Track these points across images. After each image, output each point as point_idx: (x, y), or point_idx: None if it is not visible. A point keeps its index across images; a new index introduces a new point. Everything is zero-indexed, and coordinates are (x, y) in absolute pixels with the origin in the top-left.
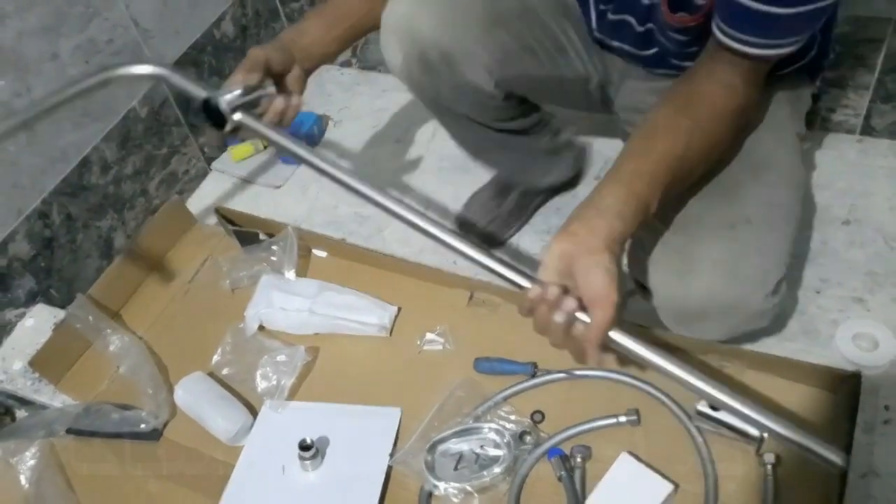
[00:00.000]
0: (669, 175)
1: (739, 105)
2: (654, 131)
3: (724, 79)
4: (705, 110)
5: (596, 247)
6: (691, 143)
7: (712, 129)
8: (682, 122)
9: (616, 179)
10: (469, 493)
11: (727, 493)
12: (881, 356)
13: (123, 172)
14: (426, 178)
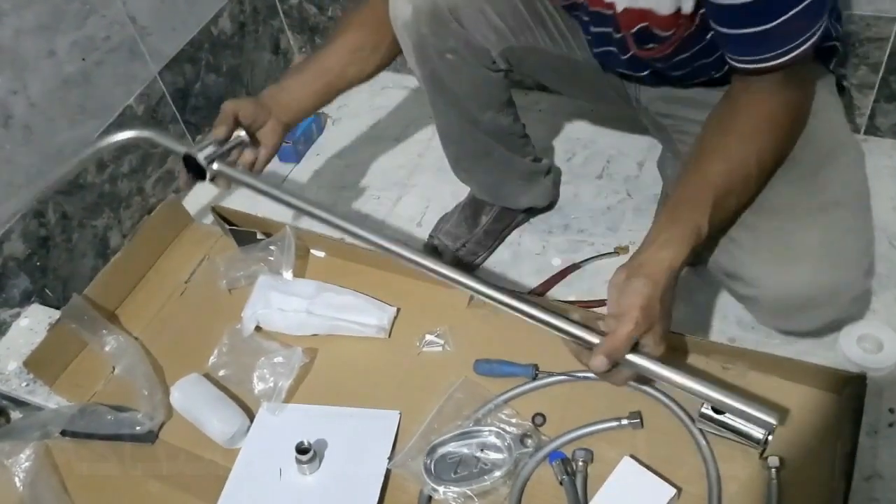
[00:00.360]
0: (721, 195)
1: (783, 108)
2: (698, 155)
3: (761, 86)
4: (749, 122)
5: (636, 272)
6: (739, 159)
7: (760, 138)
8: (725, 141)
9: (662, 211)
10: (469, 497)
11: (730, 495)
12: (886, 358)
13: (119, 171)
14: (426, 177)
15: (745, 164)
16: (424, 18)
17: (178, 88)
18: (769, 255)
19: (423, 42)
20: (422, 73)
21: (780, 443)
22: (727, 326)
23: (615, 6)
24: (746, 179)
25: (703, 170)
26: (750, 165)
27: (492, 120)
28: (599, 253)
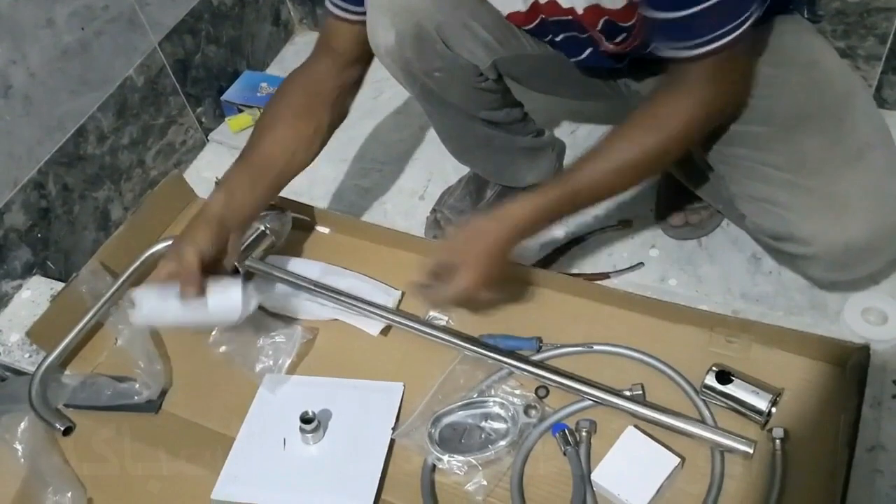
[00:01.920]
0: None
1: (701, 107)
2: (606, 138)
3: (687, 80)
4: (660, 124)
5: (489, 228)
6: (627, 157)
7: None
8: (630, 134)
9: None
10: (473, 466)
11: (733, 466)
12: (890, 330)
13: (120, 142)
14: (428, 150)
15: (634, 161)
16: (408, 42)
17: (178, 60)
18: (820, 212)
19: (408, 65)
20: (412, 91)
21: (784, 414)
22: (731, 299)
23: (574, 9)
24: (624, 175)
25: (593, 155)
26: (638, 163)
27: (488, 116)
28: (603, 226)
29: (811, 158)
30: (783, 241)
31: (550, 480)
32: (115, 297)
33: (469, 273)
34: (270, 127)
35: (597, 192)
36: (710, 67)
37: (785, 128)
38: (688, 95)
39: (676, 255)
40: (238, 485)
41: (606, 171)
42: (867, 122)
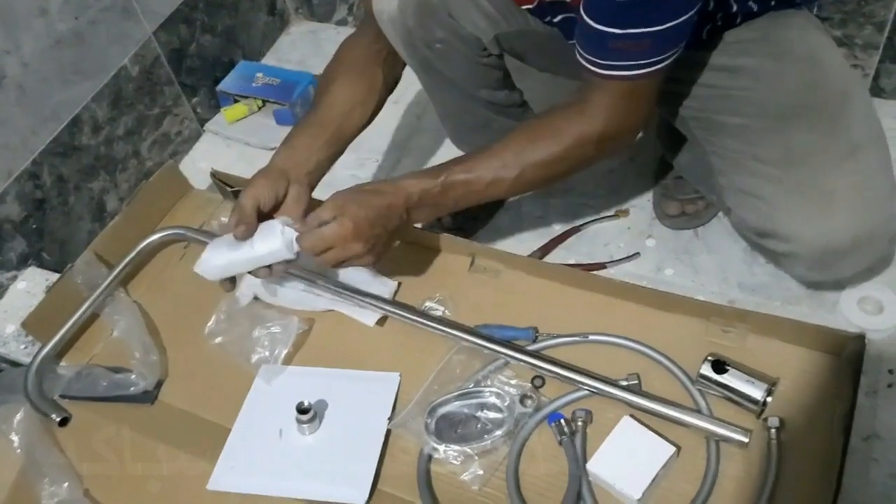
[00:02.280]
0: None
1: (600, 132)
2: (507, 135)
3: (598, 101)
4: (558, 139)
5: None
6: (528, 164)
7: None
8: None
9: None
10: (469, 455)
11: (729, 455)
12: (886, 320)
13: (115, 133)
14: (424, 140)
15: (507, 162)
16: (411, 11)
17: (173, 49)
18: (804, 208)
19: (410, 35)
20: (412, 63)
21: (780, 403)
22: (728, 289)
23: None
24: (501, 175)
25: (483, 150)
26: (512, 166)
27: (488, 96)
28: (600, 216)
29: (801, 154)
30: (766, 238)
31: (546, 470)
32: (111, 287)
33: (344, 222)
34: (326, 88)
35: (469, 192)
36: (619, 93)
37: (779, 122)
38: (586, 115)
39: (673, 244)
40: (234, 475)
41: (484, 174)
42: (862, 121)
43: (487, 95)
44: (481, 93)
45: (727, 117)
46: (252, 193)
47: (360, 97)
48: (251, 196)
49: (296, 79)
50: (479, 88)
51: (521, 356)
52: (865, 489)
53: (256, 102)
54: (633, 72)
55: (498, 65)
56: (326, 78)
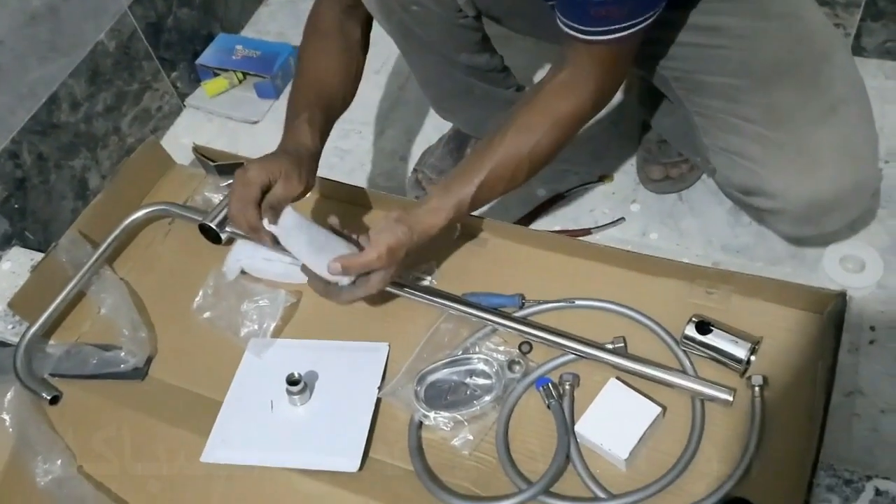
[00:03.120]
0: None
1: (588, 100)
2: (496, 130)
3: (580, 67)
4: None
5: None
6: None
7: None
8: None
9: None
10: (459, 421)
11: (714, 414)
12: (868, 277)
13: (94, 109)
14: (407, 110)
15: (521, 157)
16: None
17: (150, 23)
18: (789, 166)
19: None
20: (389, 27)
21: (764, 362)
22: (712, 251)
23: None
24: (517, 170)
25: (489, 149)
26: (524, 158)
27: (468, 60)
28: (584, 182)
29: (784, 112)
30: (752, 196)
31: (535, 433)
32: (96, 265)
33: (384, 283)
34: (312, 63)
35: (493, 193)
36: (601, 59)
37: (760, 80)
38: (578, 89)
39: (657, 208)
40: (227, 448)
41: (503, 173)
42: (844, 78)
43: (467, 60)
44: (461, 57)
45: (709, 77)
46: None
47: (345, 69)
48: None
49: (276, 50)
50: (458, 52)
51: (509, 323)
52: (847, 444)
53: (237, 75)
54: (617, 35)
55: (476, 27)
56: (309, 50)
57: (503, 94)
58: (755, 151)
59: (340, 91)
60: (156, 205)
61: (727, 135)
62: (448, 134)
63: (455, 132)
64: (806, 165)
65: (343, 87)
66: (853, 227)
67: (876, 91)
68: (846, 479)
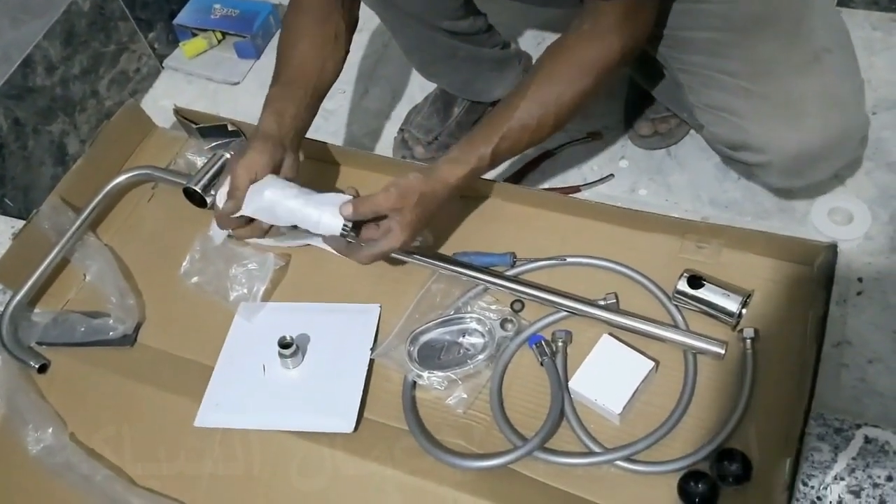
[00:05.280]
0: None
1: (612, 52)
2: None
3: (602, 21)
4: (573, 64)
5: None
6: (543, 102)
7: (573, 84)
8: (546, 76)
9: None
10: (453, 380)
11: (706, 367)
12: (856, 229)
13: (70, 72)
14: (392, 68)
15: (547, 107)
16: None
17: None
18: (775, 118)
19: None
20: (368, 0)
21: (755, 315)
22: (700, 206)
23: None
24: (542, 121)
25: (514, 100)
26: (550, 108)
27: (451, 26)
28: (572, 139)
29: (767, 64)
30: (739, 150)
31: (529, 390)
32: (80, 232)
33: (404, 233)
34: (294, 42)
35: (517, 144)
36: (624, 10)
37: (742, 33)
38: (602, 40)
39: (646, 164)
40: (220, 412)
41: (527, 122)
42: (825, 25)
43: (450, 26)
44: (443, 24)
45: (691, 33)
46: (246, 164)
47: (328, 50)
48: (245, 167)
49: (255, 9)
50: (440, 20)
51: (500, 281)
52: (836, 393)
53: (216, 35)
54: None
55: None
56: (290, 32)
57: (489, 54)
58: (740, 105)
59: (330, 66)
60: (138, 169)
61: (711, 91)
62: (434, 93)
63: (441, 91)
64: (791, 116)
65: (327, 73)
66: (841, 179)
67: (863, 42)
68: (836, 428)
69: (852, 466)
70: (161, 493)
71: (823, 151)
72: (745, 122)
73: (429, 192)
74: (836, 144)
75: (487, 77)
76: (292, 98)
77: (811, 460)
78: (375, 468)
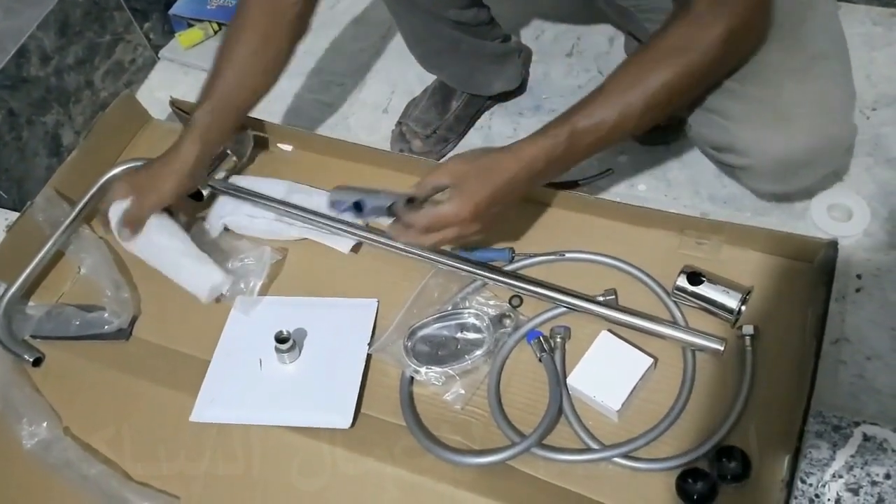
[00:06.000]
0: (602, 123)
1: (703, 34)
2: (624, 66)
3: (693, 12)
4: (668, 59)
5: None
6: (653, 90)
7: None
8: (634, 79)
9: (544, 132)
10: (451, 376)
11: (705, 364)
12: (855, 226)
13: (65, 63)
14: (390, 60)
15: (634, 88)
16: None
17: None
18: (761, 121)
19: None
20: None
21: (754, 312)
22: (700, 202)
23: None
24: (629, 106)
25: (600, 86)
26: (638, 92)
27: (456, 16)
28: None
29: (759, 67)
30: (724, 152)
31: (527, 386)
32: (74, 224)
33: (467, 203)
34: (231, 58)
35: (600, 126)
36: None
37: None
38: (699, 20)
39: (645, 160)
40: (216, 407)
41: (613, 102)
42: (823, 31)
43: (456, 15)
44: (449, 13)
45: None
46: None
47: (267, 68)
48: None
49: None
50: (446, 9)
51: (499, 277)
52: (834, 390)
53: (212, 26)
54: None
55: None
56: (230, 44)
57: (490, 47)
58: (727, 107)
59: (254, 95)
60: (133, 161)
61: None
62: (433, 86)
63: (440, 84)
64: (777, 121)
65: (258, 91)
66: (840, 175)
67: (864, 38)
68: (834, 426)
69: (850, 464)
70: (156, 487)
71: (808, 158)
72: (731, 124)
73: (495, 165)
74: (822, 152)
75: (487, 70)
76: (218, 122)
77: (809, 458)
78: (372, 464)
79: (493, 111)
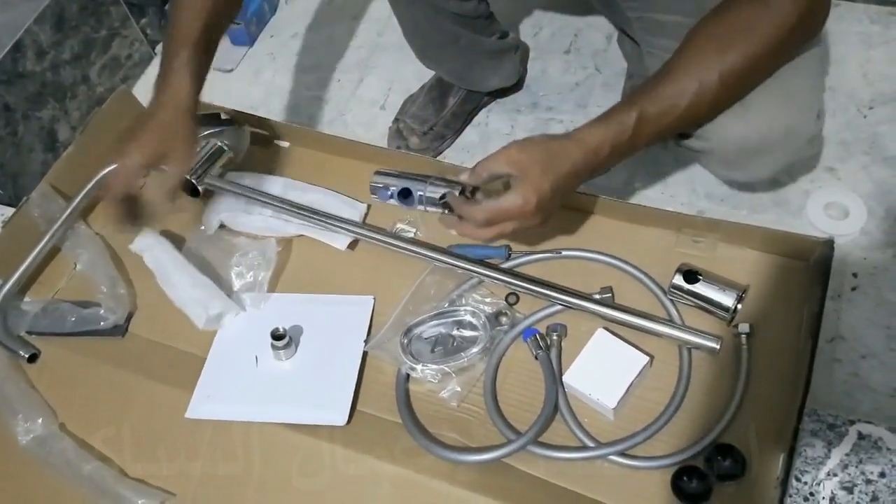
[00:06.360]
0: (673, 107)
1: (787, 19)
2: (677, 54)
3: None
4: (739, 39)
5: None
6: (713, 82)
7: (745, 57)
8: (706, 59)
9: (609, 117)
10: (447, 373)
11: (701, 362)
12: (851, 224)
13: (61, 58)
14: (387, 57)
15: (710, 70)
16: None
17: None
18: None
19: None
20: None
21: (750, 310)
22: (696, 200)
23: None
24: (703, 87)
25: (665, 67)
26: (714, 74)
27: (456, 8)
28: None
29: None
30: (685, 136)
31: (523, 384)
32: (70, 220)
33: (528, 192)
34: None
35: (672, 111)
36: None
37: None
38: (772, 5)
39: (641, 157)
40: (212, 403)
41: (685, 85)
42: None
43: (456, 8)
44: (450, 4)
45: (664, 15)
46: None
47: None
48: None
49: None
50: (447, 1)
51: (495, 274)
52: (829, 388)
53: None
54: None
55: None
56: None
57: (488, 43)
58: None
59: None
60: None
61: None
62: (430, 82)
63: (437, 80)
64: (737, 107)
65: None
66: (836, 173)
67: (861, 36)
68: (829, 424)
69: (845, 462)
70: (151, 484)
71: (765, 145)
72: None
73: (559, 153)
74: (778, 140)
75: (485, 66)
76: (190, 70)
77: (804, 456)
78: (368, 461)
79: (491, 108)
